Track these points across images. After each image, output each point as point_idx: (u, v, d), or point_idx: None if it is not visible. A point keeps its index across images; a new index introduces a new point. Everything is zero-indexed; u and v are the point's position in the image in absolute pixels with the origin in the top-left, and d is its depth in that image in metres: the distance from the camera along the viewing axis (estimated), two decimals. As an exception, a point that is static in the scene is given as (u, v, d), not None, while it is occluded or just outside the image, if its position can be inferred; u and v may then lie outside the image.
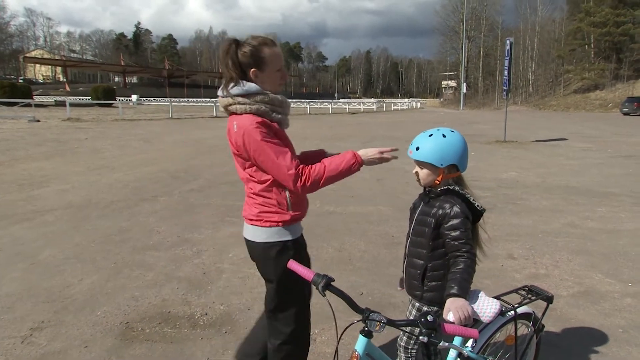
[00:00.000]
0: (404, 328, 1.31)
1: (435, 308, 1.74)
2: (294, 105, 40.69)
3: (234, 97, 1.74)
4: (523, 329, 1.95)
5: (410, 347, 1.86)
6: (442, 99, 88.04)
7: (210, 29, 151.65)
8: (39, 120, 21.11)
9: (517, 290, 1.95)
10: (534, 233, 4.91)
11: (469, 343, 1.75)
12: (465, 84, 62.34)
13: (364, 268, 3.88)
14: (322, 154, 2.02)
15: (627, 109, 34.86)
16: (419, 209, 1.82)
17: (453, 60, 79.39)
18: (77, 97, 46.59)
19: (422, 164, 1.73)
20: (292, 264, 1.46)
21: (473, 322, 1.65)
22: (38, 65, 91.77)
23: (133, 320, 2.99)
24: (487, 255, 1.72)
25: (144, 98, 53.19)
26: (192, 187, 7.34)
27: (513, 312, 1.76)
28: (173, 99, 40.72)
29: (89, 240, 4.62)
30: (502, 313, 1.72)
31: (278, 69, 1.79)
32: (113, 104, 36.21)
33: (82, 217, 5.50)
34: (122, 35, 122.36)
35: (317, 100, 54.47)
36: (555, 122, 26.79)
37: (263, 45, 1.74)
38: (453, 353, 1.68)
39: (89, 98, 41.46)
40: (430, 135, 1.71)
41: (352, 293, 2.39)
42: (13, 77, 79.71)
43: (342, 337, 1.30)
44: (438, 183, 1.73)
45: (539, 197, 6.68)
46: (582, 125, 22.98)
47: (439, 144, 1.69)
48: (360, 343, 1.36)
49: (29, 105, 25.87)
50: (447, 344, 1.29)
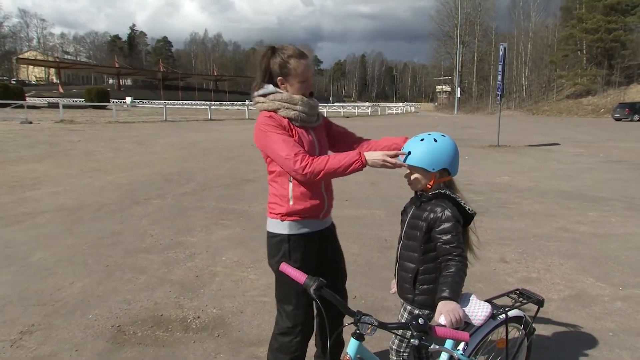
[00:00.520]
0: (396, 331, 1.32)
1: (427, 311, 1.75)
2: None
3: (258, 97, 1.97)
4: (514, 332, 1.96)
5: (402, 350, 1.86)
6: (436, 103, 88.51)
7: (206, 32, 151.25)
8: (32, 122, 20.94)
9: (508, 294, 1.97)
10: (526, 237, 4.95)
11: (461, 346, 1.76)
12: (460, 89, 62.71)
13: (358, 272, 3.88)
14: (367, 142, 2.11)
15: (618, 115, 35.29)
16: (411, 213, 1.83)
17: (447, 65, 79.93)
18: (70, 99, 46.30)
19: (413, 169, 1.74)
20: (283, 267, 1.46)
21: (464, 325, 1.66)
22: (31, 67, 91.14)
23: (125, 324, 2.97)
24: (479, 258, 1.74)
25: (138, 100, 52.94)
26: (185, 190, 7.31)
27: (504, 315, 1.78)
28: (167, 102, 40.60)
29: (81, 243, 4.58)
30: (493, 316, 1.73)
31: (303, 81, 1.92)
32: (107, 106, 35.99)
33: (74, 219, 5.46)
34: (116, 37, 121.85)
35: (312, 104, 54.32)
36: (548, 127, 27.03)
37: (291, 58, 1.88)
38: (444, 356, 1.68)
39: (83, 100, 41.22)
40: (422, 140, 1.72)
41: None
42: (6, 78, 79.00)
43: (334, 339, 1.30)
44: (429, 187, 1.74)
45: (532, 201, 6.73)
46: (574, 131, 23.20)
47: (431, 149, 1.70)
48: (352, 346, 1.36)
49: (22, 107, 25.68)
50: (437, 347, 1.30)
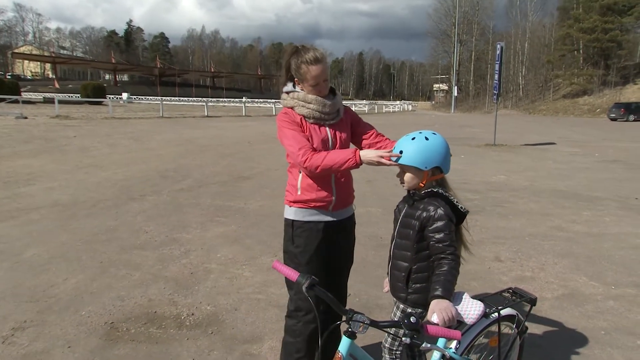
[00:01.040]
0: (388, 329, 1.32)
1: (420, 310, 1.75)
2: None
3: (284, 93, 2.12)
4: (507, 331, 1.97)
5: (395, 348, 1.86)
6: (433, 102, 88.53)
7: (203, 28, 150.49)
8: (27, 117, 20.81)
9: (501, 292, 1.97)
10: (521, 236, 4.96)
11: (453, 344, 1.76)
12: (457, 87, 62.78)
13: (352, 269, 3.86)
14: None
15: (614, 115, 35.43)
16: (403, 212, 1.82)
17: (445, 64, 79.91)
18: (66, 94, 45.97)
19: (406, 168, 1.74)
20: (276, 265, 1.46)
21: (457, 323, 1.66)
22: (27, 62, 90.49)
23: (118, 320, 2.96)
24: (473, 254, 1.74)
25: (135, 96, 52.65)
26: (181, 186, 7.29)
27: (497, 314, 1.78)
28: (164, 98, 40.42)
29: (75, 239, 4.56)
30: (485, 315, 1.73)
31: (314, 85, 2.01)
32: (103, 102, 35.84)
33: (68, 215, 5.44)
34: (113, 33, 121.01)
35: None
36: (545, 126, 27.11)
37: (303, 64, 1.98)
38: (437, 354, 1.68)
39: (79, 95, 40.97)
40: (413, 139, 1.71)
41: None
42: (1, 73, 78.41)
43: (325, 337, 1.30)
44: (422, 186, 1.74)
45: (527, 200, 6.76)
46: (570, 130, 23.29)
47: (423, 147, 1.70)
48: (344, 344, 1.36)
49: (17, 102, 25.52)
50: (429, 345, 1.30)
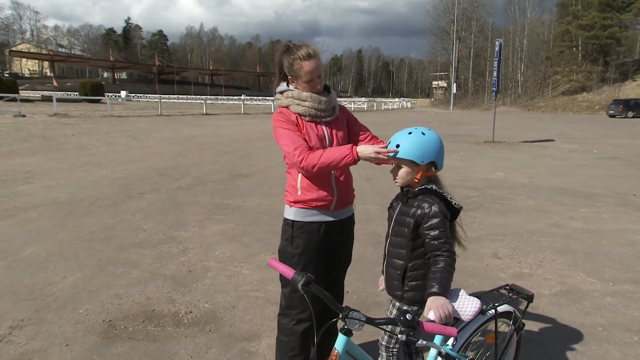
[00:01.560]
0: (385, 327, 1.32)
1: (416, 307, 1.75)
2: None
3: (277, 93, 2.11)
4: (504, 327, 1.97)
5: (392, 346, 1.86)
6: (432, 99, 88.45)
7: (202, 26, 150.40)
8: (25, 116, 20.77)
9: (498, 289, 1.97)
10: (520, 233, 4.97)
11: (450, 341, 1.76)
12: (456, 85, 62.72)
13: (350, 267, 3.86)
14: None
15: (612, 111, 35.41)
16: (398, 209, 1.82)
17: (444, 61, 79.74)
18: (64, 92, 45.86)
19: (402, 162, 1.73)
20: (271, 262, 1.46)
21: (454, 320, 1.66)
22: (25, 60, 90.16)
23: (116, 319, 2.96)
24: (467, 250, 1.74)
25: (133, 94, 52.52)
26: (179, 184, 7.28)
27: (493, 310, 1.78)
28: (163, 96, 40.31)
29: (73, 238, 4.56)
30: (482, 312, 1.74)
31: (308, 81, 2.00)
32: (101, 100, 35.72)
33: (66, 214, 5.43)
34: (111, 31, 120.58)
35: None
36: (543, 123, 27.11)
37: (296, 60, 1.97)
38: (433, 351, 1.69)
39: (77, 94, 40.87)
40: (410, 133, 1.72)
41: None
42: (-1, 71, 78.17)
43: (320, 335, 1.30)
44: (417, 181, 1.73)
45: (526, 197, 6.76)
46: (569, 127, 23.30)
47: (419, 141, 1.70)
48: (340, 341, 1.36)
49: (15, 100, 25.43)
50: (425, 342, 1.30)
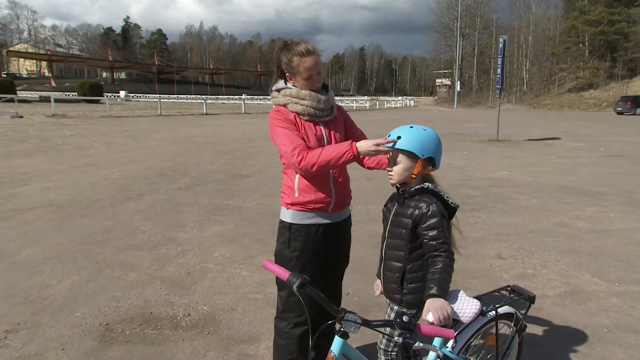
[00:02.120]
0: (383, 330, 1.32)
1: (415, 310, 1.75)
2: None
3: (274, 91, 2.09)
4: (505, 329, 1.96)
5: (390, 349, 1.86)
6: (436, 97, 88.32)
7: (201, 24, 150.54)
8: (22, 116, 20.87)
9: (499, 290, 1.97)
10: (523, 232, 4.96)
11: (449, 343, 1.76)
12: (460, 82, 62.60)
13: (351, 268, 3.83)
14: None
15: (620, 108, 35.26)
16: (394, 210, 1.82)
17: (447, 58, 79.58)
18: (63, 92, 46.05)
19: (401, 155, 1.72)
20: (266, 264, 1.46)
21: (453, 322, 1.66)
22: (22, 60, 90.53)
23: (113, 322, 2.97)
24: (460, 254, 1.74)
25: (133, 94, 52.71)
26: (179, 185, 7.30)
27: (494, 312, 1.78)
28: (162, 96, 40.42)
29: (70, 240, 4.58)
30: (482, 313, 1.73)
31: (307, 78, 1.98)
32: (100, 100, 35.84)
33: (64, 215, 5.45)
34: (110, 30, 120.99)
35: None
36: (549, 121, 27.04)
37: (295, 56, 1.95)
38: (433, 355, 1.69)
39: (75, 94, 41.01)
40: (411, 127, 1.74)
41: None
42: (-4, 71, 78.51)
43: (316, 338, 1.30)
44: (414, 177, 1.73)
45: (530, 196, 6.75)
46: (575, 124, 23.23)
47: (420, 135, 1.72)
48: (336, 344, 1.36)
49: (12, 101, 25.53)
50: (422, 345, 1.30)
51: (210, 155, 10.69)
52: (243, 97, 41.54)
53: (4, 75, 61.47)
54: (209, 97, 42.78)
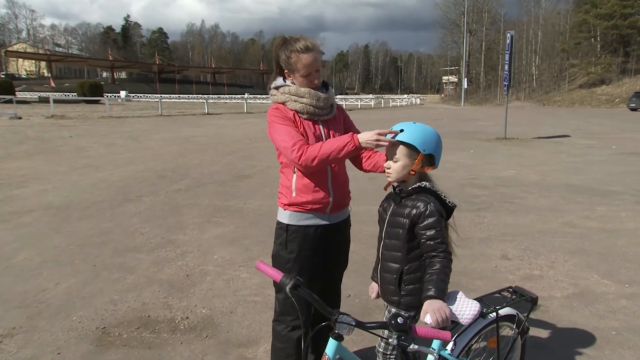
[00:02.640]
0: (374, 331, 1.31)
1: (413, 313, 1.75)
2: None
3: (272, 89, 2.08)
4: (507, 331, 1.96)
5: (389, 353, 1.86)
6: (442, 95, 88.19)
7: (203, 22, 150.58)
8: (21, 118, 21.04)
9: (500, 292, 1.96)
10: (530, 233, 4.93)
11: (449, 346, 1.76)
12: (467, 79, 62.41)
13: (352, 269, 3.84)
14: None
15: (634, 104, 35.00)
16: (390, 211, 1.82)
17: (454, 55, 79.50)
18: (62, 93, 46.40)
19: (401, 149, 1.73)
20: (259, 265, 1.47)
21: (453, 324, 1.65)
22: (21, 60, 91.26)
23: (110, 325, 2.99)
24: (457, 256, 1.73)
25: (133, 94, 53.00)
26: (179, 186, 7.33)
27: (495, 313, 1.77)
28: (163, 96, 40.61)
29: (68, 243, 4.61)
30: (483, 315, 1.73)
31: (305, 75, 1.98)
32: (100, 101, 36.06)
33: (62, 218, 5.49)
34: (110, 29, 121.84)
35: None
36: (559, 118, 26.90)
37: (293, 53, 1.95)
38: (430, 357, 1.68)
39: (75, 94, 41.30)
40: (414, 123, 1.76)
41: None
42: (-5, 72, 79.15)
43: (309, 340, 1.30)
44: (413, 174, 1.74)
45: (538, 195, 6.71)
46: (586, 122, 23.09)
47: (423, 130, 1.74)
48: (331, 346, 1.36)
49: (11, 102, 25.74)
50: (417, 347, 1.30)
51: (212, 156, 10.73)
52: (245, 96, 41.64)
53: (3, 76, 61.99)
54: (211, 96, 42.93)
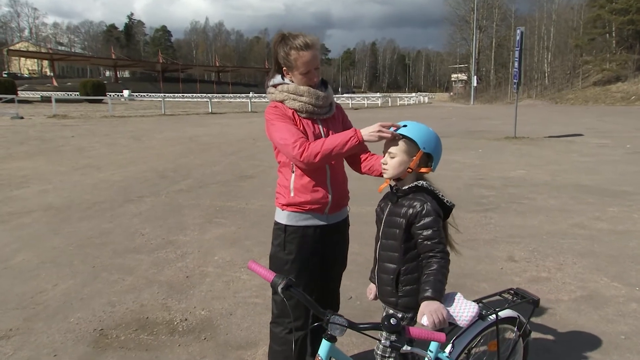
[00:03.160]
0: (367, 332, 1.32)
1: (411, 314, 1.75)
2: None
3: (270, 87, 2.11)
4: (508, 334, 1.96)
5: (387, 355, 1.86)
6: (451, 93, 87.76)
7: (207, 20, 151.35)
8: (23, 117, 21.28)
9: (501, 293, 1.96)
10: (539, 234, 4.91)
11: (447, 348, 1.76)
12: (476, 77, 62.04)
13: (355, 271, 3.86)
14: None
15: (649, 102, 34.63)
16: (387, 210, 1.82)
17: (463, 52, 78.98)
18: (64, 92, 46.78)
19: (401, 144, 1.74)
20: (251, 265, 1.48)
21: (451, 326, 1.65)
22: (23, 59, 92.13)
23: (108, 327, 3.02)
24: (460, 254, 1.74)
25: (137, 93, 53.29)
26: (180, 187, 7.38)
27: (494, 316, 1.77)
28: (167, 95, 40.81)
29: (67, 244, 4.66)
30: (482, 317, 1.73)
31: (304, 73, 1.99)
32: (103, 100, 36.33)
33: (61, 219, 5.54)
34: (113, 27, 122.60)
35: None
36: (572, 116, 26.68)
37: (292, 50, 1.96)
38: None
39: (78, 94, 41.64)
40: (417, 122, 1.80)
41: (340, 296, 2.41)
42: (-3, 71, 79.95)
43: (299, 340, 1.31)
44: (410, 172, 1.74)
45: (547, 196, 6.67)
46: (600, 120, 22.88)
47: (425, 130, 1.77)
48: (324, 348, 1.37)
49: (13, 102, 25.99)
50: (409, 348, 1.30)
51: (215, 156, 10.78)
52: (250, 95, 41.76)
53: (5, 75, 62.54)
54: (215, 95, 43.08)
